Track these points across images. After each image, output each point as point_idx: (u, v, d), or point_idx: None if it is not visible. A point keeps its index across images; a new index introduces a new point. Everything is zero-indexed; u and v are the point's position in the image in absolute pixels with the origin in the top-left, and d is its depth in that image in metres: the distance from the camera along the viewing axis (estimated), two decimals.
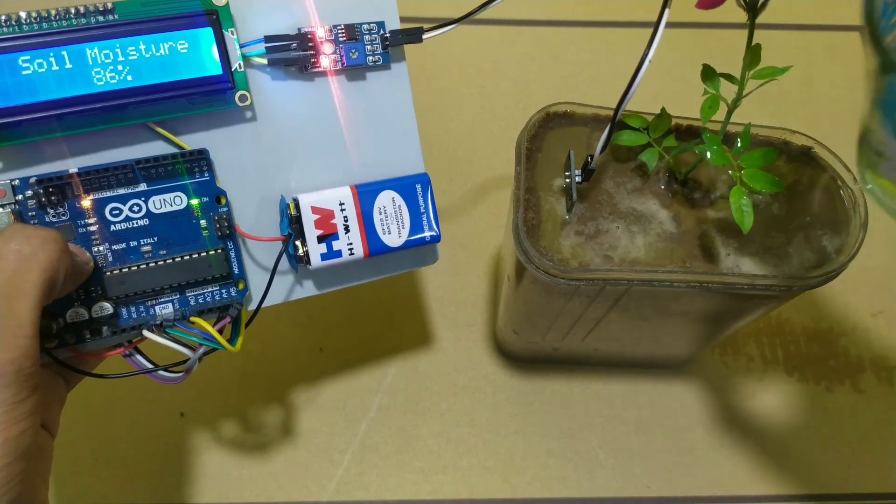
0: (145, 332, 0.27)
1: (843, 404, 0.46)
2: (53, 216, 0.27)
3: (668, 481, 0.44)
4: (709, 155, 0.30)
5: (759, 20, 0.29)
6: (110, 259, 0.28)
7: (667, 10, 0.27)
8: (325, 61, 0.30)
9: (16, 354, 0.22)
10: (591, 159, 0.31)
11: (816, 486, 0.44)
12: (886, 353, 0.48)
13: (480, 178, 0.52)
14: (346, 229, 0.30)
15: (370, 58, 0.31)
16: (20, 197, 0.27)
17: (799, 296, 0.33)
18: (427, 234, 0.31)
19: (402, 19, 0.31)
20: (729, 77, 0.31)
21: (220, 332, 0.28)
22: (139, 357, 0.29)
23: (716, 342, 0.43)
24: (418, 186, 0.31)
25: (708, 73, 0.31)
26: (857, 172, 0.37)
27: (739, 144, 0.31)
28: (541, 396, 0.46)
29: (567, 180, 0.33)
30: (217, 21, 0.28)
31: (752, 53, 0.29)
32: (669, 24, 0.27)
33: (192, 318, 0.27)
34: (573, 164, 0.32)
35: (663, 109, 0.33)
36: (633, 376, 0.47)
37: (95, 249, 0.28)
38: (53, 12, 0.26)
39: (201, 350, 0.27)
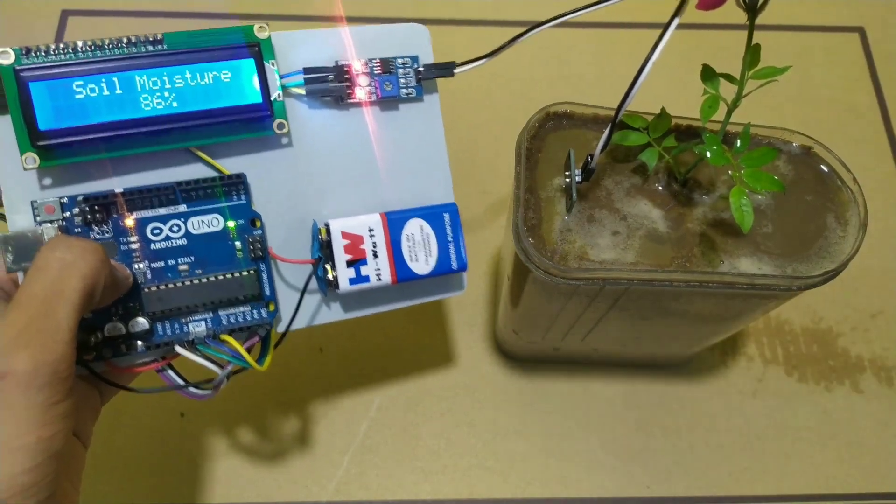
0: (178, 349, 0.28)
1: (842, 404, 0.46)
2: (98, 233, 0.29)
3: (668, 481, 0.44)
4: (708, 155, 0.30)
5: (758, 21, 0.29)
6: (149, 276, 0.29)
7: (676, 20, 0.27)
8: (361, 93, 0.31)
9: (53, 357, 0.23)
10: (592, 159, 0.31)
11: (816, 486, 0.44)
12: (886, 353, 0.48)
13: (481, 178, 0.52)
14: (375, 255, 0.30)
15: (403, 90, 0.32)
16: (67, 214, 0.28)
17: (799, 296, 0.33)
18: (454, 263, 0.31)
19: (405, 19, 0.32)
20: (729, 77, 0.30)
21: (249, 351, 0.28)
22: (171, 373, 0.30)
23: (715, 342, 0.43)
24: (446, 216, 0.31)
25: (708, 74, 0.31)
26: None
27: (739, 144, 0.31)
28: (541, 396, 0.45)
29: (567, 180, 0.33)
30: (259, 53, 0.29)
31: (752, 54, 0.29)
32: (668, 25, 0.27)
33: (223, 336, 0.28)
34: (573, 164, 0.32)
35: (663, 109, 0.33)
36: (633, 376, 0.46)
37: (136, 266, 0.29)
38: (107, 41, 0.28)
39: (229, 367, 0.28)
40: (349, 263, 0.30)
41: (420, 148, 0.33)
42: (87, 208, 0.28)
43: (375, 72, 0.32)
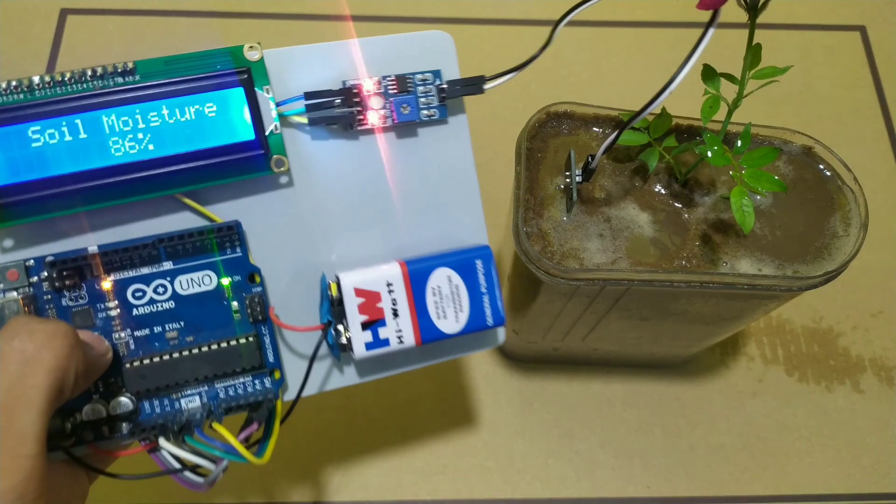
0: (161, 442, 0.24)
1: (843, 404, 0.46)
2: (70, 300, 0.25)
3: (669, 481, 0.43)
4: (709, 155, 0.30)
5: (758, 20, 0.28)
6: (132, 347, 0.25)
7: (711, 30, 0.26)
8: (373, 117, 0.27)
9: (17, 480, 0.19)
10: (592, 159, 0.31)
11: (817, 486, 0.44)
12: (887, 353, 0.48)
13: (481, 178, 0.51)
14: (395, 314, 0.26)
15: (424, 111, 0.27)
16: (35, 278, 0.24)
17: (799, 296, 0.33)
18: (489, 318, 0.27)
19: (405, 19, 0.28)
20: (729, 77, 0.30)
21: (248, 439, 0.24)
22: (165, 453, 0.26)
23: (716, 342, 0.43)
24: (479, 262, 0.26)
25: (708, 73, 0.30)
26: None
27: (740, 144, 0.31)
28: (541, 396, 0.45)
29: (567, 180, 0.32)
30: (249, 80, 0.24)
31: (753, 53, 0.29)
32: (670, 24, 0.29)
33: (215, 425, 0.24)
34: (574, 164, 0.32)
35: (664, 109, 0.33)
36: (633, 376, 0.46)
37: (116, 336, 0.25)
38: (68, 75, 0.23)
39: (224, 463, 0.23)
40: (365, 325, 0.25)
41: (445, 179, 0.28)
42: (56, 273, 0.24)
43: (390, 91, 0.27)
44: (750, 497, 0.43)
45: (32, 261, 0.24)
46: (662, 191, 0.34)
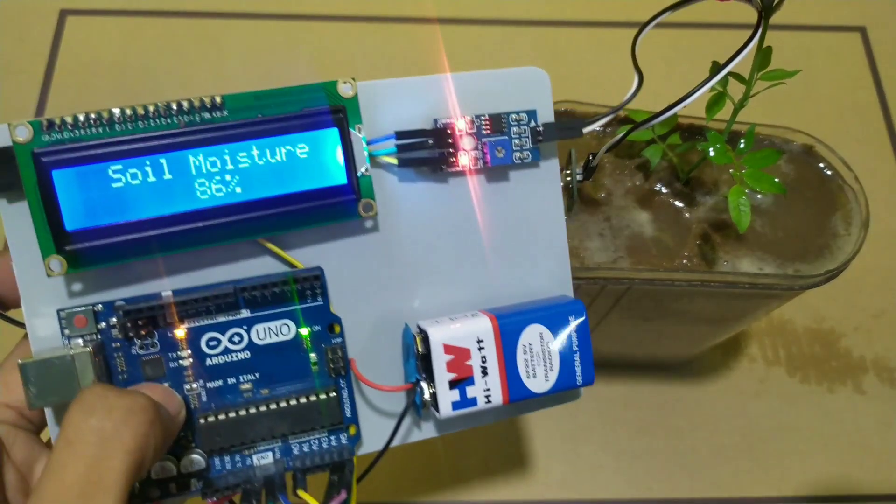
0: None
1: (844, 405, 0.46)
2: (141, 348, 0.23)
3: (670, 483, 0.43)
4: (711, 153, 0.30)
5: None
6: (204, 399, 0.23)
7: (756, 37, 0.26)
8: (464, 159, 0.25)
9: None
10: (593, 157, 0.30)
11: (819, 487, 0.44)
12: (889, 353, 0.48)
13: None
14: (484, 372, 0.24)
15: (517, 154, 0.25)
16: (103, 325, 0.22)
17: (800, 296, 0.33)
18: (579, 377, 0.25)
19: (405, 19, 0.28)
20: (738, 77, 0.30)
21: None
22: None
23: (717, 343, 0.43)
24: (571, 318, 0.25)
25: (717, 70, 0.29)
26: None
27: (743, 145, 0.31)
28: None
29: (567, 178, 0.32)
30: (344, 119, 0.23)
31: (763, 55, 0.29)
32: (669, 25, 0.29)
33: (300, 493, 0.22)
34: (574, 163, 0.31)
35: (669, 106, 0.32)
36: (635, 377, 0.46)
37: (187, 387, 0.23)
38: (152, 109, 0.21)
39: None
40: (452, 384, 0.24)
41: (533, 226, 0.26)
42: (127, 319, 0.22)
43: (483, 132, 0.25)
44: (752, 498, 0.43)
45: (101, 305, 0.22)
46: (664, 189, 0.34)
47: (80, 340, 0.22)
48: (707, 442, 0.44)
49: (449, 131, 0.25)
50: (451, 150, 0.25)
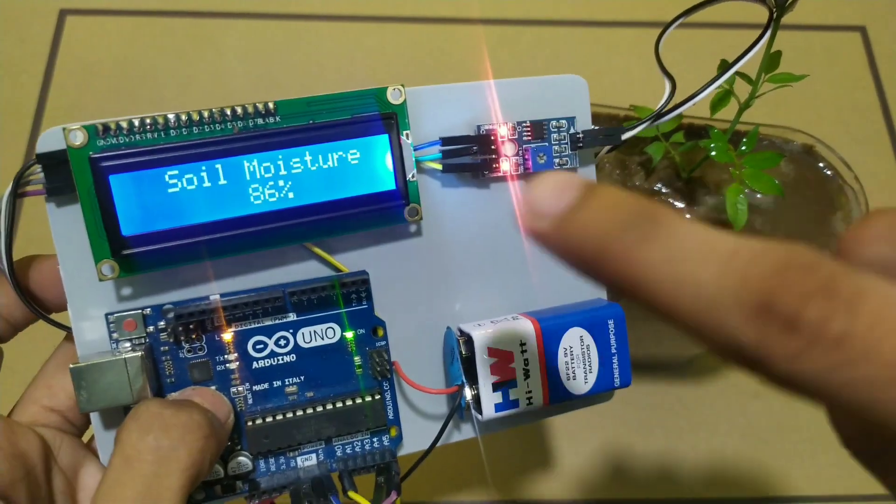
0: None
1: None
2: (189, 351, 0.23)
3: (670, 483, 0.43)
4: (713, 151, 0.30)
5: (760, 21, 0.28)
6: (250, 402, 0.24)
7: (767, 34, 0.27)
8: (506, 164, 0.25)
9: None
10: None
11: (819, 488, 0.44)
12: None
13: None
14: (526, 374, 0.25)
15: (556, 160, 0.26)
16: (151, 328, 0.22)
17: None
18: (617, 379, 0.26)
19: (405, 19, 0.28)
20: (745, 77, 0.30)
21: None
22: None
23: None
24: (611, 322, 0.25)
25: (724, 69, 0.30)
26: None
27: (745, 146, 0.31)
28: None
29: None
30: (395, 125, 0.23)
31: (772, 59, 0.30)
32: (680, 25, 0.28)
33: (351, 494, 0.23)
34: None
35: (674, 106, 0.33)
36: (635, 377, 0.49)
37: (234, 390, 0.23)
38: (206, 114, 0.21)
39: None
40: (496, 386, 0.24)
41: None
42: (176, 323, 0.22)
43: (524, 138, 0.25)
44: (753, 499, 0.43)
45: (150, 309, 0.22)
46: (665, 189, 0.34)
47: (127, 344, 0.22)
48: (707, 442, 0.44)
49: (492, 137, 0.25)
50: (493, 156, 0.25)
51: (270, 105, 0.22)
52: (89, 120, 0.21)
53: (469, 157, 0.25)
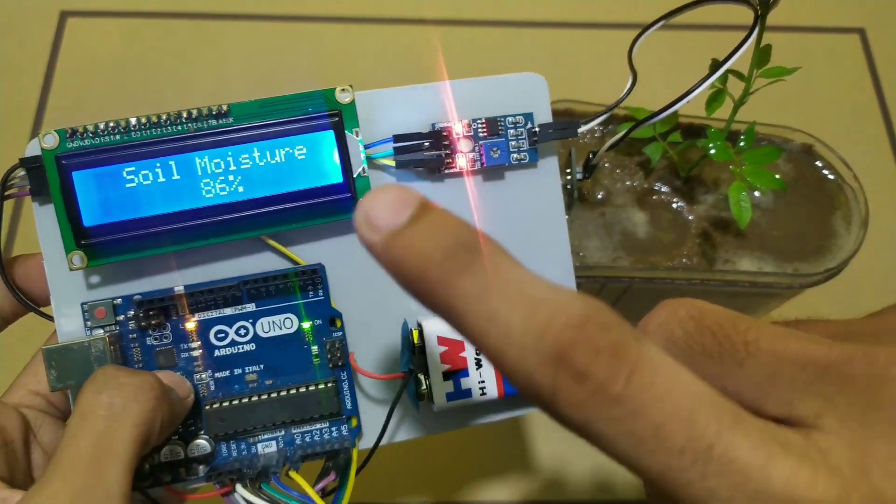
0: (238, 489, 0.23)
1: None
2: (155, 339, 0.24)
3: None
4: (712, 150, 0.30)
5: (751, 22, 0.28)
6: (212, 388, 0.25)
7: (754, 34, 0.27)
8: (462, 160, 0.26)
9: None
10: (593, 156, 0.31)
11: None
12: None
13: None
14: (479, 364, 0.25)
15: (514, 155, 0.26)
16: (121, 317, 0.24)
17: (800, 295, 0.33)
18: None
19: (404, 19, 0.28)
20: (737, 74, 0.30)
21: (324, 489, 0.23)
22: (239, 498, 0.25)
23: None
24: None
25: (716, 67, 0.30)
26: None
27: (743, 142, 0.31)
28: None
29: (568, 177, 0.33)
30: (340, 123, 0.24)
31: (762, 53, 0.29)
32: (669, 26, 0.28)
33: (292, 474, 0.23)
34: (574, 162, 0.32)
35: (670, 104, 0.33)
36: None
37: (197, 377, 0.25)
38: (164, 117, 0.23)
39: None
40: (446, 375, 0.25)
41: (532, 224, 0.27)
42: (143, 312, 0.24)
43: (480, 135, 0.26)
44: None
45: (120, 299, 0.24)
46: (664, 188, 0.34)
47: (100, 331, 0.24)
48: None
49: (445, 134, 0.26)
50: (447, 151, 0.26)
51: (224, 107, 0.24)
52: (90, 121, 0.23)
53: (423, 154, 0.26)
